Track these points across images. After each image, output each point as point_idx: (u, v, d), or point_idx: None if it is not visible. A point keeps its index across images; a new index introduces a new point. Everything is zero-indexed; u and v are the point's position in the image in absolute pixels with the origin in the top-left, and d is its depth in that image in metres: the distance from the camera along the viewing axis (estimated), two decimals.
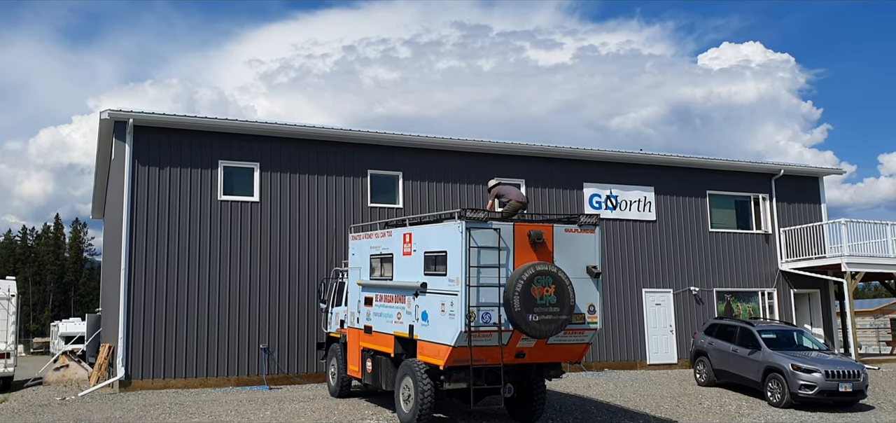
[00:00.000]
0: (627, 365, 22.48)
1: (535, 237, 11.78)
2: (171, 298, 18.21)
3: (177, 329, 18.15)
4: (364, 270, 14.51)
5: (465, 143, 21.50)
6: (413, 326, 12.52)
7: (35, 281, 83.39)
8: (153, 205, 18.34)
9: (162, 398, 16.30)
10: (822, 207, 26.49)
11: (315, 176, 20.01)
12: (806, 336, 18.22)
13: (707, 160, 24.80)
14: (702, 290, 23.89)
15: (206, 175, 18.93)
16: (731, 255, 24.65)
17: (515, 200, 12.65)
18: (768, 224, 25.43)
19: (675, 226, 24.00)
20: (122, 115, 18.19)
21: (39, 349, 51.90)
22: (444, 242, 11.85)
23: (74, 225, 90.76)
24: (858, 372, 15.98)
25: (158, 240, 18.28)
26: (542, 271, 11.48)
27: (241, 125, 19.40)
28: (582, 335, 12.22)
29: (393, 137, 20.75)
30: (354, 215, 20.09)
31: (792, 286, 25.19)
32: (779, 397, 16.11)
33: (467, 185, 21.52)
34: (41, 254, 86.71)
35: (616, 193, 23.39)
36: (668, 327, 23.28)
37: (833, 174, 27.26)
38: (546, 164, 22.64)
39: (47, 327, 63.74)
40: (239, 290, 18.86)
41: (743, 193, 25.41)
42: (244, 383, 18.49)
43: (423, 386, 11.96)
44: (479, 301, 11.35)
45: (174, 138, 18.75)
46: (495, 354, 11.60)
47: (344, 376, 15.73)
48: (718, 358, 18.40)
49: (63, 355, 23.37)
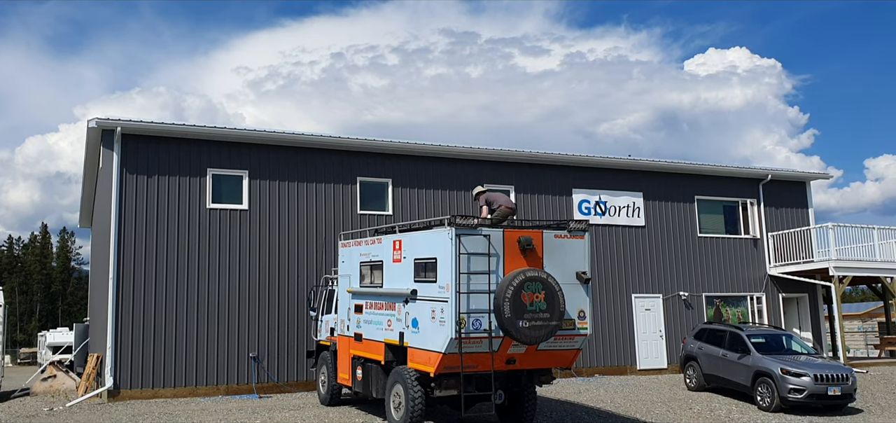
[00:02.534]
0: (618, 371, 22.52)
1: (525, 244, 11.80)
2: (159, 307, 18.12)
3: (166, 338, 18.05)
4: (354, 277, 14.49)
5: (455, 150, 21.52)
6: (403, 333, 12.51)
7: (22, 291, 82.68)
8: (141, 213, 18.25)
9: (151, 408, 16.20)
10: (809, 211, 26.66)
11: (304, 184, 19.97)
12: (795, 340, 18.32)
13: (695, 166, 24.92)
14: (691, 295, 23.97)
15: (194, 183, 18.87)
16: (720, 260, 24.76)
17: (505, 207, 12.68)
18: (756, 229, 25.57)
19: (663, 231, 24.09)
20: (110, 123, 18.11)
21: (27, 360, 51.45)
22: (433, 248, 11.86)
23: (62, 234, 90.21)
24: (847, 376, 16.08)
25: (147, 249, 18.19)
26: (532, 278, 11.50)
27: (230, 133, 19.35)
28: (572, 341, 12.25)
29: (382, 144, 20.74)
30: (344, 222, 20.07)
31: (780, 291, 25.32)
32: (768, 401, 16.19)
33: (457, 191, 21.53)
34: (28, 264, 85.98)
35: (605, 198, 23.46)
36: (657, 333, 23.34)
37: (820, 179, 27.45)
38: (535, 170, 22.69)
39: (34, 338, 63.28)
40: (228, 298, 18.79)
41: (731, 198, 25.54)
42: (234, 391, 18.40)
43: (414, 393, 11.94)
44: (470, 308, 11.35)
45: (162, 146, 18.68)
46: (486, 360, 11.60)
47: (334, 384, 15.69)
48: (708, 363, 18.47)
49: (51, 365, 23.16)
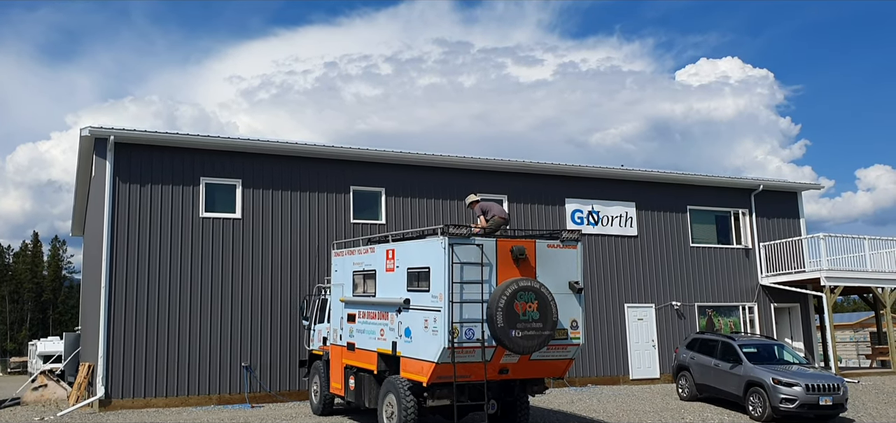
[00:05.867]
0: (610, 380, 22.53)
1: (518, 253, 11.82)
2: (151, 315, 18.06)
3: (158, 347, 17.98)
4: (347, 286, 14.48)
5: (448, 159, 21.55)
6: (396, 342, 12.50)
7: (12, 299, 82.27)
8: (134, 222, 18.21)
9: (142, 418, 16.13)
10: (801, 221, 26.79)
11: (297, 192, 19.97)
12: (786, 350, 18.37)
13: (687, 176, 25.02)
14: (683, 305, 24.03)
15: (187, 192, 18.84)
16: (712, 270, 24.83)
17: (498, 216, 12.71)
18: (748, 239, 25.66)
19: (656, 241, 24.16)
20: (103, 132, 18.09)
21: (17, 369, 51.10)
22: (427, 258, 11.86)
23: (53, 243, 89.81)
24: (838, 386, 16.12)
25: (139, 257, 18.14)
26: (524, 287, 11.52)
27: (223, 142, 19.34)
28: (565, 351, 12.25)
29: (375, 153, 20.76)
30: (337, 231, 20.06)
31: (772, 300, 25.40)
32: (760, 410, 16.22)
33: (450, 201, 21.56)
34: (19, 272, 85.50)
35: (598, 208, 23.52)
36: (650, 342, 23.38)
37: (811, 189, 27.57)
38: (528, 180, 22.74)
39: (25, 347, 62.88)
40: (221, 307, 18.74)
41: (723, 208, 25.64)
42: (226, 401, 18.33)
43: (407, 403, 11.93)
44: (463, 317, 11.35)
45: (155, 155, 18.66)
46: (479, 370, 11.60)
47: (327, 393, 15.65)
48: (700, 373, 18.50)
49: (42, 374, 23.02)
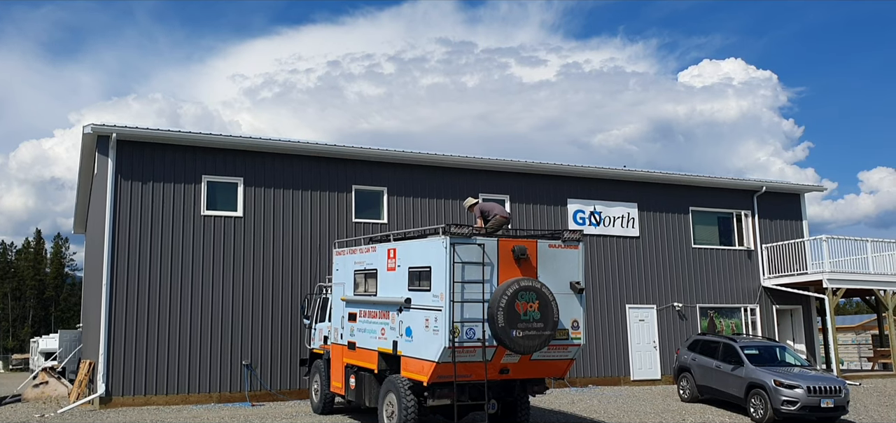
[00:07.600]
0: (611, 381, 22.51)
1: (520, 253, 11.81)
2: (152, 313, 18.07)
3: (158, 345, 18.00)
4: (348, 285, 14.47)
5: (450, 159, 21.54)
6: (397, 342, 12.49)
7: (14, 297, 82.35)
8: (136, 220, 18.22)
9: (143, 415, 16.14)
10: (803, 223, 26.75)
11: (299, 191, 19.97)
12: (788, 352, 18.33)
13: (690, 177, 24.99)
14: (685, 306, 24.00)
15: (189, 190, 18.84)
16: (714, 271, 24.80)
17: (500, 216, 12.71)
18: (750, 240, 25.63)
19: (658, 242, 24.13)
20: (106, 129, 18.10)
21: (18, 366, 51.22)
22: (428, 257, 11.86)
23: (56, 240, 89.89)
24: (840, 388, 16.09)
25: (141, 255, 18.16)
26: (526, 287, 11.50)
27: (225, 140, 19.34)
28: (566, 351, 12.24)
29: (377, 152, 20.76)
30: (339, 230, 20.06)
31: (774, 302, 25.36)
32: (761, 412, 16.19)
33: (452, 201, 21.55)
34: (21, 269, 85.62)
35: (600, 209, 23.50)
36: (651, 343, 23.36)
37: (814, 191, 27.54)
38: (530, 180, 22.73)
39: (27, 344, 62.96)
40: (221, 306, 18.75)
41: (725, 209, 25.60)
42: (226, 399, 18.34)
43: (407, 403, 11.92)
44: (463, 317, 11.34)
45: (157, 153, 18.67)
46: (479, 370, 11.59)
47: (327, 392, 15.65)
48: (701, 374, 18.48)
49: (43, 371, 23.07)
